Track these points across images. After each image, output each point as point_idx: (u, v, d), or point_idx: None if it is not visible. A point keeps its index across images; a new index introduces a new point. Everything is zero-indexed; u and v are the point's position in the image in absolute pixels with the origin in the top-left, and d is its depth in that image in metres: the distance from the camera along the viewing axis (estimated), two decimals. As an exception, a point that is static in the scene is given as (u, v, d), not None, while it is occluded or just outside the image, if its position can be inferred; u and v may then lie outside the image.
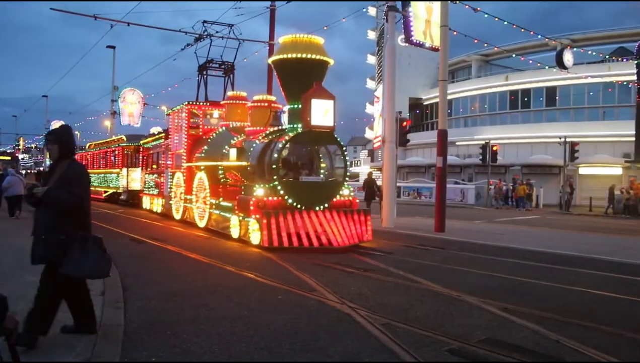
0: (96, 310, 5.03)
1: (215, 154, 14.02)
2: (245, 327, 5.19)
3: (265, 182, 11.43)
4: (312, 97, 10.89)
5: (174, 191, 16.72)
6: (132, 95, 37.91)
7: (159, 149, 19.70)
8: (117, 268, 7.65)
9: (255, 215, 10.93)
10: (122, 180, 24.50)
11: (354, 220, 11.57)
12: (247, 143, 12.94)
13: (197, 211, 14.52)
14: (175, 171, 16.90)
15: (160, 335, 4.88)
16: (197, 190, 14.62)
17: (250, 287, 7.20)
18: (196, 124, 16.64)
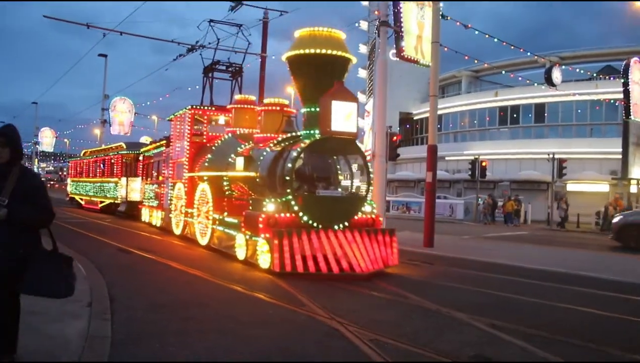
0: (83, 321, 5.29)
1: (220, 164, 12.56)
2: (233, 340, 5.27)
3: (277, 196, 9.93)
4: (333, 99, 9.42)
5: (174, 204, 15.24)
6: (123, 104, 37.67)
7: (160, 157, 18.26)
8: (105, 279, 7.85)
9: (265, 234, 9.42)
10: (121, 190, 23.06)
11: (378, 241, 10.04)
12: (256, 151, 11.47)
13: (199, 227, 13.02)
14: (175, 182, 15.44)
15: (148, 347, 4.92)
16: (199, 203, 13.14)
17: (239, 300, 7.31)
18: (200, 131, 15.20)
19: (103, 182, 24.89)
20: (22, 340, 4.16)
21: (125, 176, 23.07)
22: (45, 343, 4.67)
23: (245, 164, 11.19)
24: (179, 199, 14.90)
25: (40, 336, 4.71)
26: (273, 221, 9.51)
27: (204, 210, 12.76)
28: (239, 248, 10.44)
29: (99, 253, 11.12)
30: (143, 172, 21.12)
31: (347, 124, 9.58)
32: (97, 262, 9.55)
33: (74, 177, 30.79)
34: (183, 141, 14.96)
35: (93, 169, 27.23)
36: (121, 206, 22.98)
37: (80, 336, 4.99)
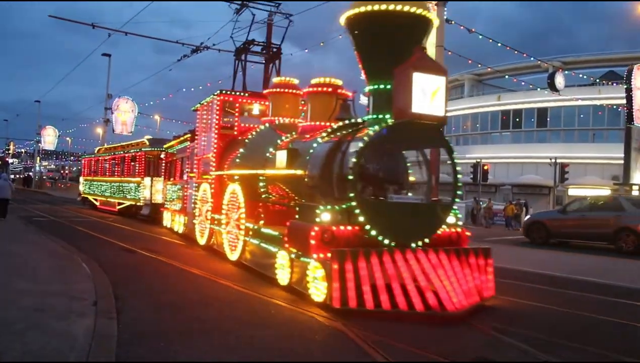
0: (89, 319, 5.37)
1: (255, 160, 10.07)
2: (237, 341, 5.29)
3: (334, 202, 7.36)
4: (414, 70, 6.81)
5: (199, 208, 12.81)
6: (126, 103, 37.30)
7: (184, 153, 15.90)
8: (108, 278, 7.81)
9: (319, 254, 6.87)
10: (144, 191, 20.80)
11: (470, 265, 7.40)
12: (303, 144, 8.94)
13: (228, 237, 10.52)
14: (201, 182, 13.02)
15: (154, 347, 4.93)
16: (228, 209, 10.65)
17: (242, 300, 7.23)
18: (230, 123, 12.77)
19: (123, 182, 22.68)
20: (30, 338, 4.58)
21: (149, 175, 20.82)
22: (53, 341, 4.66)
23: (288, 160, 8.65)
24: (204, 203, 12.46)
25: (48, 334, 4.80)
26: (329, 236, 6.95)
27: (234, 217, 10.26)
28: (281, 270, 7.89)
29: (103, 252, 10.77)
30: (165, 170, 18.82)
31: (433, 105, 6.96)
32: (101, 261, 9.43)
33: (88, 176, 28.67)
34: (210, 134, 12.54)
35: (110, 167, 25.06)
36: (144, 209, 20.72)
37: (86, 334, 4.93)
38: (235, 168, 10.72)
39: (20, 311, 5.32)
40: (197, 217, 12.93)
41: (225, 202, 10.76)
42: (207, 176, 12.59)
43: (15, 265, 8.55)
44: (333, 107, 9.23)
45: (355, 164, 7.02)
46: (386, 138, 7.29)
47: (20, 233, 13.78)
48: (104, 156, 26.14)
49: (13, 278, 7.15)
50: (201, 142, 13.37)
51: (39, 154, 65.62)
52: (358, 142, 7.43)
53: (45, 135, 58.51)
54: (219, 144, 12.17)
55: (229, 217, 10.53)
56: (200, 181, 13.14)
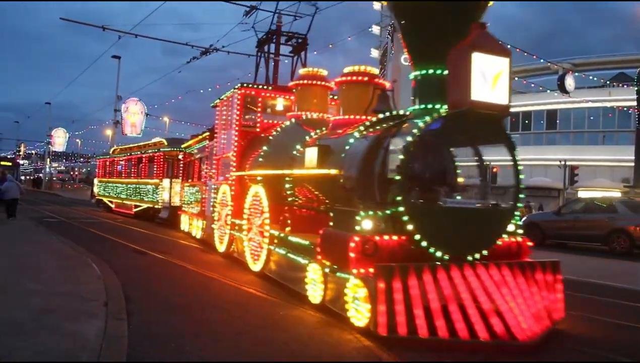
0: (100, 320, 5.34)
1: (280, 159, 9.01)
2: (249, 342, 5.24)
3: (375, 207, 6.25)
4: (473, 50, 5.69)
5: (218, 211, 11.80)
6: (135, 105, 37.18)
7: (202, 153, 14.94)
8: (119, 279, 7.76)
9: (360, 269, 5.77)
10: (162, 193, 19.90)
11: (537, 282, 6.23)
12: (336, 140, 7.85)
13: (250, 245, 9.47)
14: (220, 184, 12.02)
15: (164, 348, 4.93)
16: (250, 213, 9.60)
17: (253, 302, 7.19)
18: (252, 121, 11.75)
19: (140, 184, 21.83)
20: (41, 338, 4.64)
21: (168, 177, 19.94)
22: (64, 342, 4.64)
23: (319, 158, 7.56)
24: (223, 206, 11.44)
25: (59, 334, 4.80)
26: (371, 247, 5.85)
27: (256, 223, 9.21)
28: (312, 286, 6.80)
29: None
30: (183, 171, 17.90)
31: (495, 92, 5.85)
32: (112, 263, 9.39)
33: (102, 177, 27.85)
34: (230, 131, 11.52)
35: (126, 168, 24.21)
36: (162, 212, 19.81)
37: (98, 335, 4.91)
38: (258, 168, 9.68)
39: (31, 311, 5.40)
40: (216, 221, 11.91)
41: (246, 205, 9.72)
42: (226, 177, 11.58)
43: (26, 265, 8.57)
44: (370, 98, 8.13)
45: (403, 162, 5.91)
46: (439, 132, 6.17)
47: (30, 233, 13.68)
48: (120, 157, 25.34)
49: (24, 278, 7.20)
50: (220, 141, 12.38)
51: (49, 156, 66.01)
52: (404, 136, 6.31)
53: (55, 137, 58.92)
54: (240, 142, 11.15)
55: (251, 222, 9.48)
56: (219, 183, 12.14)
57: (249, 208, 9.63)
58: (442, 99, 6.14)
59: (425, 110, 6.42)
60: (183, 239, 14.80)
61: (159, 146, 21.08)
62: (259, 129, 11.34)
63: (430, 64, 6.46)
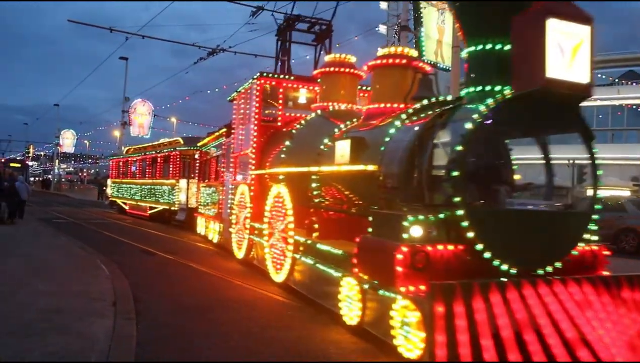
0: (108, 320, 5.39)
1: (305, 155, 7.96)
2: (257, 342, 5.22)
3: (425, 211, 5.15)
4: (548, 15, 4.58)
5: (236, 214, 10.81)
6: (143, 106, 37.48)
7: (219, 151, 13.97)
8: (127, 280, 7.75)
9: (408, 287, 4.69)
10: (179, 194, 18.99)
11: (625, 302, 5.08)
12: (371, 132, 6.78)
13: (272, 253, 8.44)
14: (238, 183, 11.03)
15: (173, 348, 4.97)
16: (271, 216, 8.57)
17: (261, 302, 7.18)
18: (273, 116, 10.74)
19: (155, 185, 20.96)
20: (51, 338, 4.69)
21: (184, 177, 19.03)
22: (74, 342, 4.64)
23: (353, 152, 6.49)
24: (241, 208, 10.44)
25: (68, 334, 4.81)
26: (423, 260, 4.76)
27: (279, 227, 8.18)
28: (347, 304, 5.73)
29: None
30: (199, 171, 16.96)
31: (575, 68, 4.73)
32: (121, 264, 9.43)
33: (116, 178, 26.99)
34: (248, 126, 10.52)
35: (140, 168, 23.34)
36: (179, 214, 18.89)
37: (106, 335, 4.92)
38: (280, 165, 8.65)
39: (41, 312, 5.48)
40: (233, 225, 10.92)
41: (267, 207, 8.70)
42: (245, 177, 10.59)
43: (36, 266, 8.56)
44: (409, 83, 7.03)
45: (461, 155, 4.81)
46: (502, 118, 5.05)
47: (39, 235, 13.64)
48: (134, 157, 24.51)
49: (33, 279, 7.26)
50: (238, 137, 11.38)
51: (58, 157, 66.28)
52: (459, 125, 5.22)
53: (63, 138, 59.11)
54: (260, 137, 10.13)
55: (273, 226, 8.45)
56: (237, 182, 11.15)
57: (270, 210, 8.60)
58: (503, 78, 5.05)
59: (482, 93, 5.31)
60: (199, 242, 13.87)
61: (175, 145, 20.21)
62: (280, 123, 10.32)
63: (488, 37, 5.34)
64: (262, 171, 9.59)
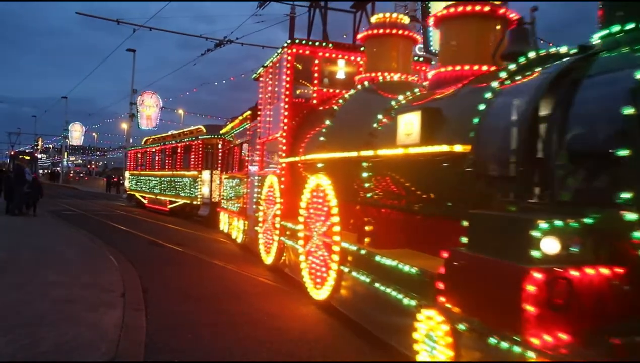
0: (117, 310, 5.42)
1: (352, 136, 6.16)
2: (265, 332, 5.19)
3: (558, 213, 3.30)
4: None
5: (263, 210, 9.10)
6: (150, 98, 37.35)
7: (243, 137, 12.29)
8: (136, 271, 7.86)
9: (543, 336, 2.85)
10: (202, 187, 17.41)
11: None
12: (451, 102, 4.92)
13: (310, 262, 6.67)
14: (265, 174, 9.31)
15: (182, 338, 4.92)
16: (308, 215, 6.80)
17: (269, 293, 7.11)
18: (306, 97, 8.99)
19: (175, 177, 19.44)
20: (62, 329, 4.72)
21: (207, 169, 17.44)
22: (85, 332, 4.68)
23: (425, 128, 4.65)
24: (269, 204, 8.72)
25: (79, 325, 4.86)
26: (563, 293, 2.92)
27: (318, 230, 6.40)
28: (429, 348, 3.91)
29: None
30: (222, 161, 15.34)
31: None
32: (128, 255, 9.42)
33: (134, 171, 25.51)
34: (278, 106, 8.79)
35: (160, 159, 21.80)
36: (202, 209, 17.31)
37: (116, 325, 4.96)
38: (318, 151, 6.87)
39: (52, 302, 5.56)
40: (260, 223, 9.22)
41: (303, 204, 6.93)
42: (274, 166, 8.88)
43: (46, 257, 8.61)
44: (499, 37, 5.17)
45: (631, 124, 2.94)
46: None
47: (49, 226, 13.65)
48: (153, 147, 22.96)
49: (44, 270, 7.36)
50: (265, 120, 9.66)
51: (66, 149, 66.21)
52: (603, 79, 3.36)
53: (72, 131, 59.03)
54: (292, 117, 8.38)
55: (311, 228, 6.68)
56: (264, 173, 9.44)
57: (306, 208, 6.84)
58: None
59: (636, 32, 3.43)
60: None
61: (196, 133, 18.63)
62: (315, 101, 8.55)
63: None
64: (295, 158, 7.83)
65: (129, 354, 4.31)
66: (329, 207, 6.01)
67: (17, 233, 11.53)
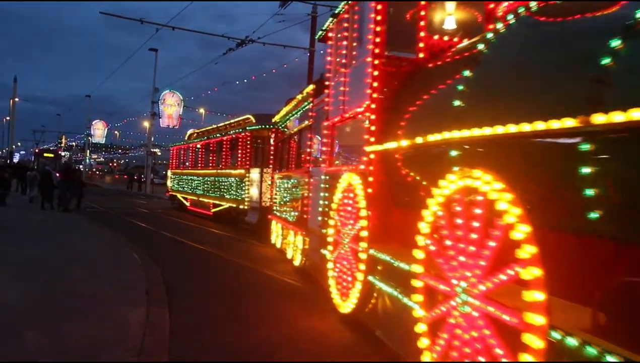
0: (142, 307, 5.40)
1: (529, 92, 2.96)
2: (289, 330, 5.13)
3: None
4: None
5: (335, 225, 6.01)
6: (172, 97, 37.84)
7: (304, 122, 9.23)
8: (159, 268, 7.87)
9: None
10: (249, 188, 14.54)
11: None
12: None
13: (448, 338, 3.51)
14: (338, 171, 6.23)
15: (207, 335, 4.88)
16: (443, 248, 3.63)
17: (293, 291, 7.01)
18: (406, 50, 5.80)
19: (220, 176, 16.63)
20: (89, 324, 4.72)
21: (257, 166, 14.54)
22: (110, 329, 4.67)
23: None
24: (347, 217, 5.61)
25: (104, 322, 4.85)
26: None
27: (474, 285, 3.23)
28: None
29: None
30: (274, 156, 12.36)
31: None
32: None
33: (176, 169, 22.94)
34: (359, 65, 5.67)
35: (203, 155, 19.08)
36: (249, 215, 14.38)
37: (140, 322, 4.92)
38: (448, 126, 3.70)
39: (78, 299, 5.54)
40: (329, 244, 6.14)
41: (425, 225, 3.76)
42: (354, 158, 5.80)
43: (71, 254, 8.73)
44: None
45: None
46: None
47: (73, 223, 13.70)
48: (196, 142, 20.22)
49: (70, 267, 7.42)
50: (337, 92, 6.58)
51: (89, 147, 67.15)
52: None
53: (95, 129, 59.59)
54: (385, 81, 5.25)
55: (449, 278, 3.51)
56: (335, 170, 6.36)
57: (440, 236, 3.67)
58: None
59: None
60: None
61: (244, 124, 15.74)
62: (422, 55, 5.39)
63: None
64: (393, 144, 4.69)
65: (154, 349, 4.23)
66: (519, 242, 2.81)
67: (45, 231, 11.73)
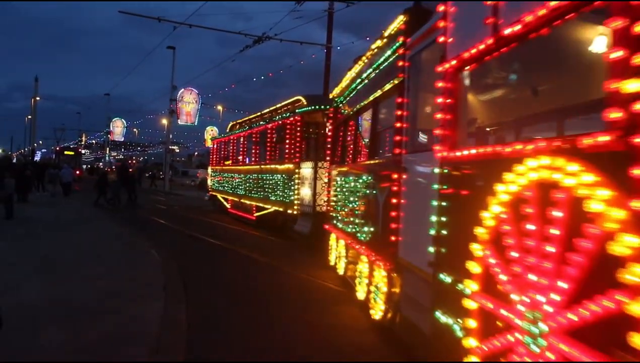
0: (159, 303, 5.46)
1: None
2: (305, 328, 5.10)
3: None
4: None
5: (489, 262, 2.90)
6: (190, 95, 38.02)
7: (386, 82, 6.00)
8: (176, 263, 7.89)
9: None
10: (300, 188, 11.31)
11: None
12: None
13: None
14: (483, 157, 3.12)
15: (224, 332, 4.90)
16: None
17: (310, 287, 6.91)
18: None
19: (263, 172, 13.64)
20: (106, 320, 4.78)
21: (310, 160, 11.31)
22: (128, 324, 4.74)
23: None
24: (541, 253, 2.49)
25: (122, 317, 4.93)
26: None
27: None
28: None
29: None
30: (332, 143, 9.19)
31: None
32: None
33: (216, 166, 20.02)
34: None
35: (245, 148, 15.98)
36: (300, 222, 11.18)
37: (158, 318, 4.96)
38: None
39: (96, 294, 5.63)
40: (463, 301, 3.05)
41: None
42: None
43: (89, 250, 8.84)
44: None
45: None
46: None
47: (91, 220, 13.68)
48: (238, 133, 16.89)
49: (88, 263, 7.50)
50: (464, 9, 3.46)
51: (108, 145, 68.35)
52: None
53: (114, 127, 60.15)
54: None
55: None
56: (477, 155, 3.26)
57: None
58: None
59: None
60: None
61: (293, 108, 12.49)
62: None
63: None
64: None
65: (171, 347, 4.29)
66: None
67: (67, 226, 11.78)
